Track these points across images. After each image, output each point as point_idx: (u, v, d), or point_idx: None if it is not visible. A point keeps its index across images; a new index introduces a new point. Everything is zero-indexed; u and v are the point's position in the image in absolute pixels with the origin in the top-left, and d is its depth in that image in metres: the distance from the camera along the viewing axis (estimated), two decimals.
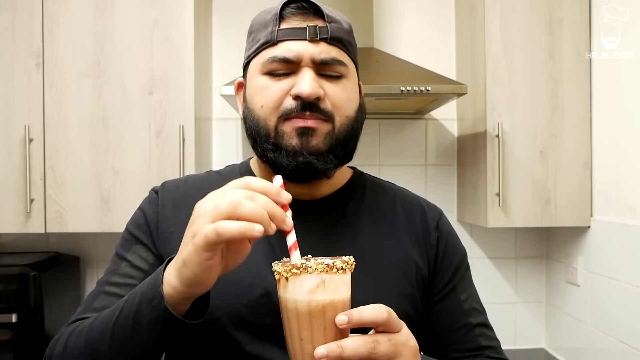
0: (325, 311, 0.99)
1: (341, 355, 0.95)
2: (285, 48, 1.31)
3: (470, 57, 3.29)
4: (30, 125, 2.89)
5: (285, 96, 1.32)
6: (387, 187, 1.59)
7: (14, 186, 2.90)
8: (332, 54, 1.32)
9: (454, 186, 3.59)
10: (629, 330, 2.64)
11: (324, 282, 0.99)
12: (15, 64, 2.90)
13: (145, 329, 1.09)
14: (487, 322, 1.51)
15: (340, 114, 1.34)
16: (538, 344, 3.59)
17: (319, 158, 1.32)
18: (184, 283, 1.04)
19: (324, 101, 1.32)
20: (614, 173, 2.84)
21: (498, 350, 1.48)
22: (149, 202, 1.49)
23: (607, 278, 2.83)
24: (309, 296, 0.99)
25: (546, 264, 3.57)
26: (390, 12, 3.55)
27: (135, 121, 2.94)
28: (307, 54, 1.30)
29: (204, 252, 0.99)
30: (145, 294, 1.10)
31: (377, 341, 0.98)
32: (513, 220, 3.02)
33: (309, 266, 0.99)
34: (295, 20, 1.33)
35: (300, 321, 1.00)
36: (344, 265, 1.01)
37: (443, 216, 1.56)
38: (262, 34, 1.36)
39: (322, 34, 1.31)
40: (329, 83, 1.33)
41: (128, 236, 1.45)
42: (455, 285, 1.48)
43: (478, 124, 3.15)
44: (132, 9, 2.93)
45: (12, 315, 2.77)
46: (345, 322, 0.97)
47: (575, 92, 3.03)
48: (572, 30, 3.03)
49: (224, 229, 0.96)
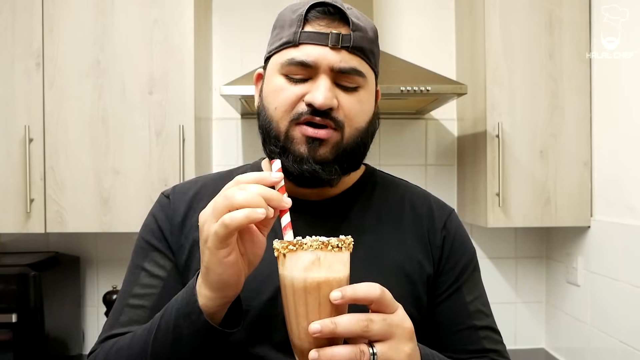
0: (320, 288, 1.00)
1: (334, 331, 0.96)
2: (305, 52, 1.30)
3: (470, 57, 3.29)
4: (30, 125, 2.89)
5: (298, 101, 1.31)
6: (398, 184, 1.59)
7: (14, 186, 2.91)
8: (352, 63, 1.31)
9: (453, 186, 3.60)
10: (629, 331, 2.64)
11: (319, 260, 1.01)
12: (15, 64, 2.90)
13: (185, 343, 1.12)
14: (493, 326, 1.50)
15: (350, 125, 1.34)
16: (538, 344, 3.60)
17: (324, 168, 1.32)
18: (214, 288, 1.08)
19: (336, 111, 1.31)
20: (614, 173, 2.84)
21: (504, 355, 1.48)
22: (160, 208, 1.49)
23: (607, 278, 2.83)
24: (305, 273, 1.01)
25: (546, 264, 3.57)
26: (390, 12, 3.55)
27: (135, 121, 2.94)
28: (326, 61, 1.29)
29: (219, 251, 1.03)
30: (182, 309, 1.12)
31: (371, 320, 0.99)
32: (513, 220, 3.03)
33: (304, 243, 1.01)
34: (319, 24, 1.31)
35: (296, 297, 1.02)
36: (339, 244, 1.02)
37: (453, 215, 1.55)
38: (285, 32, 1.35)
39: (344, 42, 1.29)
40: (344, 93, 1.32)
41: (143, 244, 1.45)
42: (460, 286, 1.46)
43: (478, 124, 3.15)
44: (132, 9, 2.93)
45: (12, 315, 2.77)
46: (339, 298, 0.98)
47: (575, 92, 3.04)
48: (572, 30, 3.03)
49: (230, 219, 0.99)
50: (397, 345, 1.02)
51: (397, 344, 1.02)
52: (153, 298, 1.36)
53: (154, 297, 1.36)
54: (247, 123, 3.47)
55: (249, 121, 3.45)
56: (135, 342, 1.21)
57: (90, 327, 3.45)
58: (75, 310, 3.35)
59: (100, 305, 3.38)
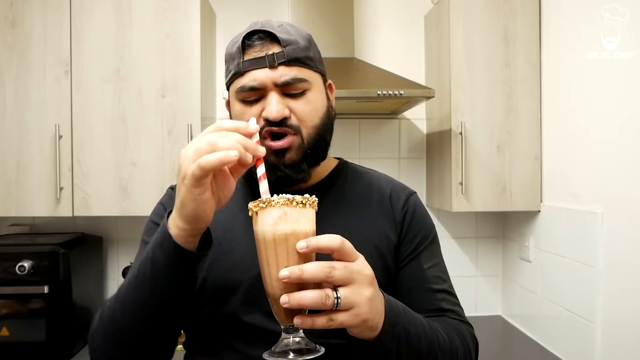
0: (287, 239, 0.99)
1: (301, 277, 0.96)
2: (250, 78, 1.31)
3: (437, 65, 3.30)
4: (60, 124, 2.91)
5: (258, 119, 1.32)
6: (366, 173, 1.59)
7: (46, 176, 2.92)
8: (291, 74, 1.31)
9: (423, 176, 3.59)
10: (573, 299, 2.67)
11: (286, 214, 1.00)
12: (47, 72, 2.92)
13: (162, 270, 1.12)
14: (450, 290, 1.48)
15: (306, 126, 1.34)
16: (495, 312, 3.61)
17: (294, 169, 1.33)
18: (186, 220, 1.08)
19: (290, 118, 1.32)
20: (560, 165, 2.86)
21: (460, 314, 1.46)
22: (168, 198, 1.50)
23: (555, 255, 2.85)
24: (273, 226, 1.00)
25: (502, 243, 3.59)
26: (369, 27, 3.55)
27: (149, 121, 2.95)
28: (269, 80, 1.30)
29: (194, 189, 1.03)
30: (156, 240, 1.13)
31: (334, 267, 0.98)
32: (474, 206, 3.05)
33: (272, 200, 1.01)
34: (255, 50, 1.32)
35: (267, 249, 1.01)
36: (303, 200, 1.02)
37: (413, 196, 1.54)
38: (232, 64, 1.36)
39: (279, 59, 1.30)
40: (293, 100, 1.33)
41: (152, 225, 1.46)
42: (419, 254, 1.46)
43: (444, 123, 3.17)
44: (148, 24, 2.94)
45: (44, 287, 2.78)
46: (304, 247, 0.98)
47: (527, 95, 3.04)
48: (525, 43, 3.04)
49: (205, 162, 0.99)
50: (358, 289, 1.01)
51: (358, 288, 1.01)
52: None
53: None
54: None
55: None
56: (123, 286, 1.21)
57: None
58: (99, 283, 3.37)
59: (120, 278, 3.39)
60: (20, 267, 2.76)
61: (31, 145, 2.93)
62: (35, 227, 3.42)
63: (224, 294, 1.32)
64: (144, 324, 1.17)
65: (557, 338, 2.83)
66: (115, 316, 1.19)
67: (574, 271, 2.66)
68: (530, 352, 2.93)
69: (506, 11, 3.04)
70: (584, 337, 2.57)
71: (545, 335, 2.98)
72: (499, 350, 2.98)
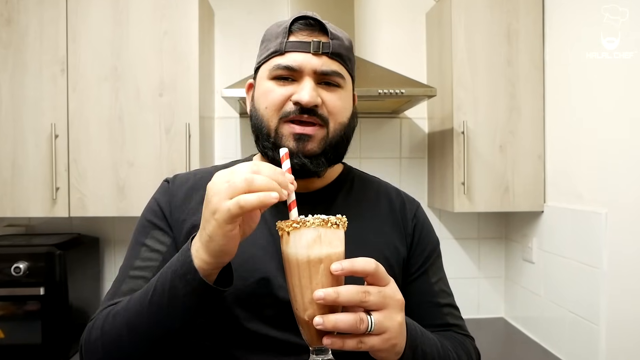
0: (322, 261, 1.00)
1: (336, 300, 0.97)
2: (291, 58, 1.32)
3: (439, 64, 3.30)
4: (56, 123, 2.91)
5: (286, 101, 1.32)
6: (373, 181, 1.60)
7: (42, 176, 2.92)
8: (332, 66, 1.33)
9: (424, 176, 3.60)
10: (576, 301, 2.67)
11: (320, 236, 1.01)
12: (43, 70, 2.91)
13: (181, 302, 1.09)
14: (454, 303, 1.52)
15: (334, 120, 1.35)
16: (498, 314, 3.62)
17: (312, 160, 1.32)
18: (213, 255, 1.06)
19: (321, 108, 1.32)
20: (564, 165, 2.86)
21: (464, 328, 1.50)
22: (162, 191, 1.48)
23: (558, 256, 2.86)
24: (308, 248, 1.00)
25: (505, 243, 3.59)
26: (369, 24, 3.56)
27: (147, 119, 2.95)
28: (310, 65, 1.31)
29: (227, 225, 1.01)
30: (178, 271, 1.10)
31: (368, 292, 1.00)
32: (476, 206, 3.05)
33: (307, 220, 1.01)
34: (302, 34, 1.34)
35: (300, 271, 1.01)
36: (337, 221, 1.03)
37: (420, 208, 1.57)
38: (272, 43, 1.36)
39: (324, 48, 1.32)
40: (326, 92, 1.34)
41: (145, 223, 1.44)
42: (427, 269, 1.48)
43: (446, 122, 3.17)
44: (145, 22, 2.94)
45: (40, 289, 2.78)
46: (340, 269, 0.99)
47: (530, 94, 3.04)
48: (528, 41, 3.04)
49: (245, 201, 0.98)
50: (390, 314, 1.03)
51: (390, 313, 1.03)
52: (153, 270, 1.33)
53: (154, 269, 1.33)
54: (245, 121, 3.45)
55: (246, 120, 3.41)
56: (131, 306, 1.17)
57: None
58: (95, 284, 3.37)
59: None
60: (16, 269, 2.76)
61: (27, 144, 2.93)
62: (31, 228, 3.42)
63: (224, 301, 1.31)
64: (151, 351, 1.15)
65: (561, 340, 2.84)
66: (121, 339, 1.17)
67: (578, 272, 2.66)
68: (533, 355, 2.93)
69: (509, 8, 3.04)
70: (587, 340, 2.57)
71: (548, 337, 2.98)
72: (501, 352, 2.98)
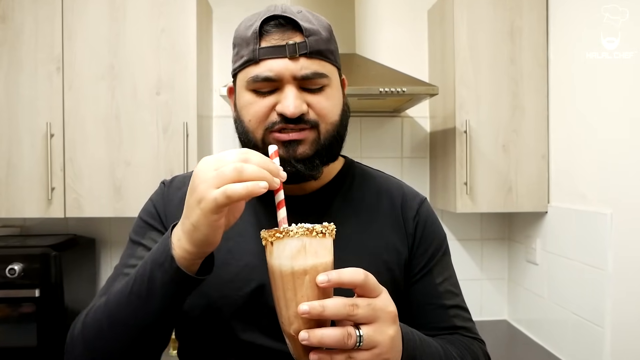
0: (307, 273, 0.95)
1: (322, 314, 0.92)
2: (266, 67, 1.22)
3: (441, 62, 3.30)
4: (52, 122, 2.90)
5: (270, 111, 1.25)
6: (375, 176, 1.53)
7: (37, 176, 2.91)
8: (312, 68, 1.23)
9: (426, 176, 3.59)
10: (581, 304, 2.67)
11: (305, 246, 0.96)
12: (38, 68, 2.91)
13: (159, 291, 1.07)
14: (462, 304, 1.45)
15: (325, 122, 1.27)
16: (501, 316, 3.61)
17: (305, 164, 1.26)
18: (196, 245, 1.03)
19: (307, 113, 1.24)
20: (568, 165, 2.85)
21: (472, 331, 1.44)
22: (158, 193, 1.46)
23: (562, 257, 2.85)
24: (291, 259, 0.96)
25: (508, 245, 3.59)
26: (371, 22, 3.55)
27: (144, 119, 2.94)
28: (288, 72, 1.21)
29: (212, 215, 0.98)
30: (157, 260, 1.07)
31: (357, 304, 0.95)
32: (479, 206, 3.04)
33: (290, 230, 0.97)
34: (274, 37, 1.23)
35: (285, 283, 0.97)
36: (323, 230, 0.98)
37: (425, 203, 1.49)
38: (244, 50, 1.26)
39: (301, 50, 1.22)
40: (312, 95, 1.25)
41: (142, 223, 1.42)
42: (431, 269, 1.42)
43: (448, 121, 3.16)
44: (142, 20, 2.94)
45: (35, 291, 2.78)
46: (325, 281, 0.94)
47: (534, 93, 3.04)
48: (531, 38, 3.04)
49: (232, 191, 0.95)
50: (381, 328, 0.97)
51: (381, 327, 0.97)
52: None
53: None
54: None
55: None
56: (112, 298, 1.15)
57: None
58: (91, 286, 3.35)
59: None
60: (11, 270, 2.75)
61: (22, 144, 2.92)
62: (26, 229, 3.41)
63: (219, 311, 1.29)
64: (131, 341, 1.13)
65: (565, 343, 2.83)
66: (102, 331, 1.14)
67: (582, 274, 2.65)
68: (537, 358, 2.93)
69: (512, 6, 3.04)
70: (592, 342, 2.57)
71: (552, 340, 2.97)
72: (504, 356, 2.97)
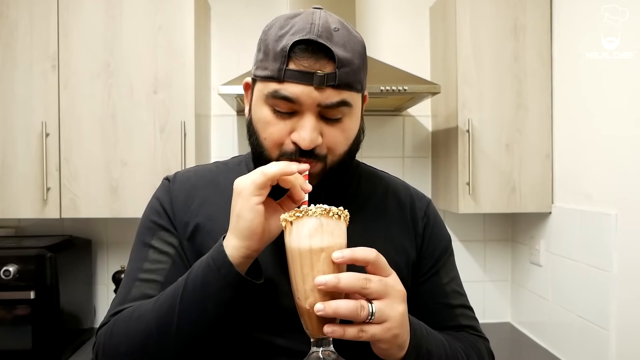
0: (323, 250, 1.03)
1: (337, 286, 0.99)
2: (290, 90, 1.17)
3: (443, 60, 3.30)
4: (47, 121, 2.90)
5: (286, 137, 1.22)
6: (381, 177, 1.55)
7: (32, 176, 2.91)
8: (337, 98, 1.19)
9: (428, 176, 3.59)
10: (586, 306, 2.67)
11: (322, 225, 1.05)
12: (33, 66, 2.90)
13: (215, 297, 1.11)
14: (467, 304, 1.50)
15: (333, 154, 1.25)
16: (504, 319, 3.61)
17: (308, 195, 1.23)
18: (242, 235, 1.10)
19: (319, 147, 1.22)
20: (572, 165, 2.85)
21: (477, 329, 1.49)
22: (163, 190, 1.43)
23: (567, 259, 2.85)
24: (310, 237, 1.04)
25: (511, 246, 3.58)
26: (372, 19, 3.55)
27: (141, 117, 2.94)
28: (311, 100, 1.17)
29: (252, 197, 1.09)
30: (212, 266, 1.12)
31: (369, 279, 1.02)
32: (482, 207, 3.04)
33: (309, 210, 1.05)
34: (303, 63, 1.16)
35: (302, 259, 1.04)
36: (339, 212, 1.07)
37: (431, 205, 1.53)
38: (270, 63, 1.20)
39: (329, 81, 1.16)
40: (328, 126, 1.22)
41: (150, 224, 1.39)
42: (438, 269, 1.46)
43: (450, 120, 3.16)
44: (139, 17, 2.94)
45: (30, 293, 2.78)
46: (340, 257, 1.02)
47: (537, 91, 3.04)
48: (535, 36, 3.04)
49: (268, 169, 1.09)
50: (392, 303, 1.04)
51: (392, 302, 1.04)
52: (164, 272, 1.30)
53: (165, 272, 1.30)
54: (242, 119, 3.45)
55: (244, 117, 3.44)
56: (159, 306, 1.16)
57: (100, 303, 3.45)
58: (88, 288, 3.35)
59: (110, 283, 3.39)
60: (5, 272, 2.75)
61: (16, 143, 2.93)
62: (21, 230, 3.42)
63: None
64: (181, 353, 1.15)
65: (569, 346, 2.83)
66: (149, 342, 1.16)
67: (587, 276, 2.65)
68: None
69: (515, 2, 3.04)
70: (597, 345, 2.57)
71: (556, 343, 2.98)
72: (508, 358, 2.97)
